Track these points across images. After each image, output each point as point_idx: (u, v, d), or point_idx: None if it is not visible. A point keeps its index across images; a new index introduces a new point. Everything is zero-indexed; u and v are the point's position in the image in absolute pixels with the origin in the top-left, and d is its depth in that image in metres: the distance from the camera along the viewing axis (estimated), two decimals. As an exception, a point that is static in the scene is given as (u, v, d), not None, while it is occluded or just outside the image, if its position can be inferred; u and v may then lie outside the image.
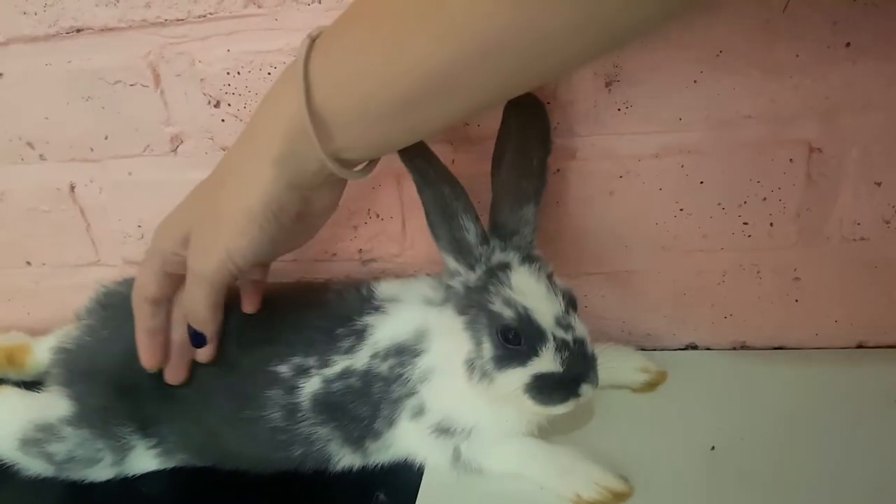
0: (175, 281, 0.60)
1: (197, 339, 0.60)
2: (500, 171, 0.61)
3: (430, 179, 0.58)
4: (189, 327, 0.60)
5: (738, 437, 0.62)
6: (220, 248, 0.53)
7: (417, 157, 0.58)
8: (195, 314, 0.58)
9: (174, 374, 0.63)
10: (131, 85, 0.69)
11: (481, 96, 0.48)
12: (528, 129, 0.61)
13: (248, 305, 0.65)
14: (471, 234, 0.59)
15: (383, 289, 0.66)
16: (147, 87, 0.69)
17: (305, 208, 0.55)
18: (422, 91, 0.46)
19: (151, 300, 0.60)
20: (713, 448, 0.61)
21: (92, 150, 0.73)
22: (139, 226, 0.76)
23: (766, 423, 0.63)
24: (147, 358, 0.62)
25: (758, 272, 0.69)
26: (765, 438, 0.62)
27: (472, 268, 0.60)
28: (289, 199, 0.53)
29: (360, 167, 0.55)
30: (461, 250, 0.59)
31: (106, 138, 0.72)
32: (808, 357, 0.70)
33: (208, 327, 0.59)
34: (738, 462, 0.60)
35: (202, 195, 0.58)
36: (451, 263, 0.60)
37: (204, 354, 0.62)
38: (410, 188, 0.60)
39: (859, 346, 0.71)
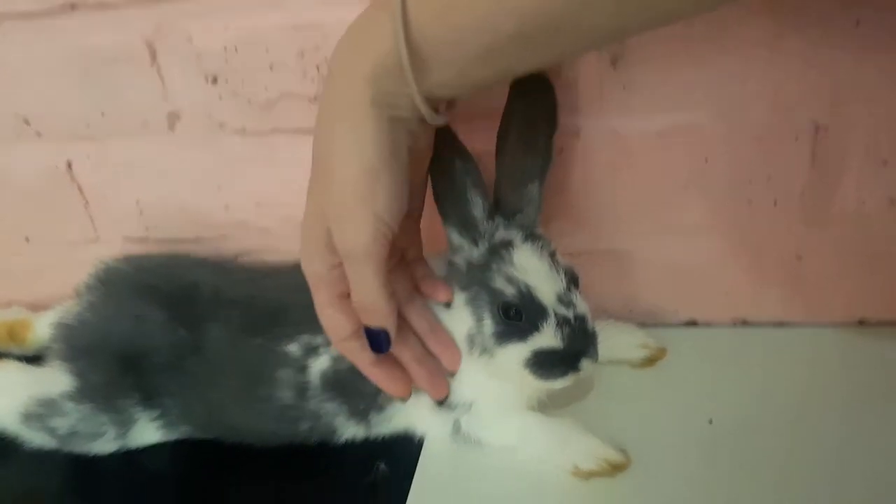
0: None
1: (379, 342, 0.54)
2: (504, 148, 0.60)
3: (442, 151, 0.57)
4: (367, 332, 0.54)
5: (736, 412, 0.62)
6: (365, 214, 0.49)
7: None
8: (370, 304, 0.52)
9: (436, 386, 0.60)
10: (127, 62, 0.68)
11: (589, 37, 0.46)
12: (534, 106, 0.60)
13: (444, 294, 0.60)
14: (477, 209, 0.59)
15: None
16: (143, 64, 0.68)
17: (414, 144, 0.51)
18: (530, 28, 0.44)
19: (353, 335, 0.55)
20: (711, 422, 0.62)
21: (88, 127, 0.73)
22: (137, 203, 0.76)
23: (765, 399, 0.63)
24: (394, 388, 0.58)
25: (760, 251, 0.69)
26: (763, 414, 0.62)
27: (475, 243, 0.59)
28: (395, 133, 0.49)
29: (441, 112, 0.52)
30: (466, 224, 0.59)
31: (102, 116, 0.72)
32: (808, 334, 0.70)
33: (388, 316, 0.53)
34: (736, 437, 0.60)
35: (316, 187, 0.52)
36: (456, 238, 0.60)
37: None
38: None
39: (860, 323, 0.71)
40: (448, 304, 0.61)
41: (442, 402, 0.61)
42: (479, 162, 0.60)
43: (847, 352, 0.67)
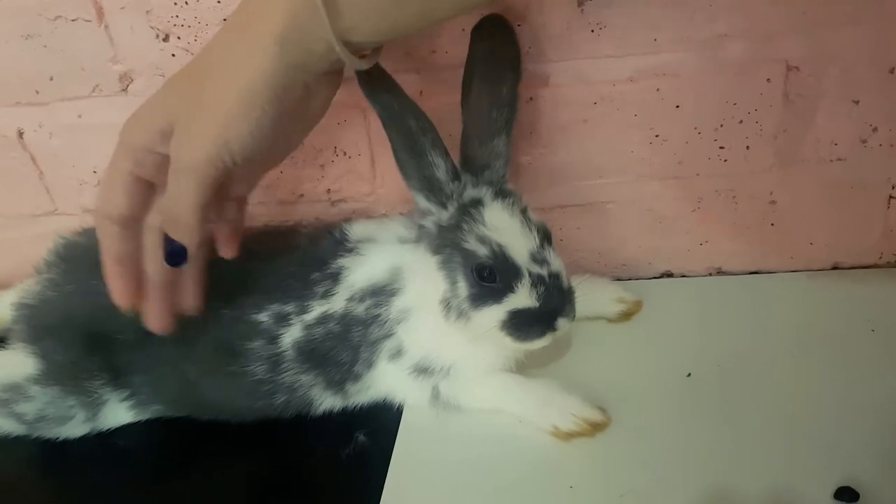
0: (148, 192, 0.51)
1: (176, 256, 0.51)
2: (468, 101, 0.59)
3: (394, 114, 0.56)
4: (167, 241, 0.51)
5: (714, 363, 0.63)
6: (216, 134, 0.46)
7: (381, 89, 0.55)
8: (177, 217, 0.49)
9: (157, 318, 0.55)
10: (73, 20, 0.65)
11: None
12: (496, 54, 0.58)
13: (227, 249, 0.58)
14: (440, 171, 0.57)
15: (356, 230, 0.65)
16: (90, 21, 0.65)
17: (305, 98, 0.50)
18: None
19: (121, 218, 0.51)
20: (689, 375, 0.62)
21: (37, 92, 0.69)
22: (94, 171, 0.73)
23: (742, 349, 0.63)
24: (120, 292, 0.54)
25: (734, 197, 0.68)
26: (741, 364, 0.62)
27: (443, 206, 0.58)
28: (292, 81, 0.47)
29: (365, 58, 0.50)
30: (432, 188, 0.57)
31: (51, 79, 0.68)
32: (784, 281, 0.71)
33: (192, 236, 0.50)
34: (715, 388, 0.60)
35: (184, 82, 0.50)
36: (423, 202, 0.58)
37: (188, 296, 0.55)
38: (378, 122, 0.57)
39: (835, 268, 0.71)
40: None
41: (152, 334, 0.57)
42: (449, 115, 0.58)
43: (822, 297, 0.68)
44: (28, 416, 0.62)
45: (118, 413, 0.64)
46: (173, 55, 0.65)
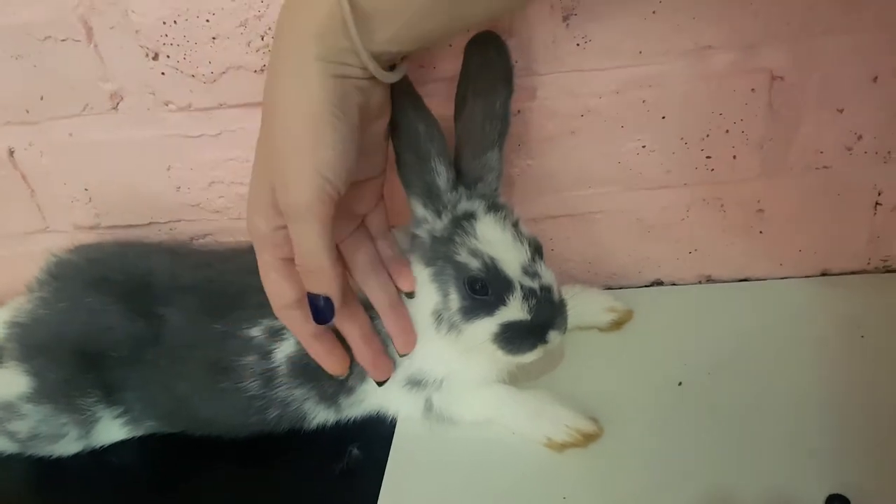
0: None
1: (321, 312, 0.51)
2: (461, 115, 0.59)
3: (405, 116, 0.56)
4: (310, 298, 0.51)
5: (704, 371, 0.63)
6: (307, 170, 0.46)
7: (400, 91, 0.55)
8: (313, 265, 0.49)
9: (380, 367, 0.58)
10: (62, 40, 0.65)
11: None
12: (489, 69, 0.58)
13: (405, 282, 0.59)
14: (441, 179, 0.57)
15: None
16: (79, 41, 0.65)
17: (365, 102, 0.50)
18: None
19: (295, 303, 0.53)
20: (680, 384, 0.62)
21: (28, 112, 0.69)
22: (86, 189, 0.73)
23: (732, 356, 0.64)
24: (333, 363, 0.56)
25: (721, 205, 0.69)
26: (732, 371, 0.62)
27: (439, 215, 0.58)
28: (344, 90, 0.47)
29: (394, 69, 0.51)
30: (430, 195, 0.58)
31: (42, 99, 0.68)
32: (772, 288, 0.71)
33: (332, 280, 0.50)
34: (705, 396, 0.61)
35: (263, 145, 0.51)
36: (419, 210, 0.59)
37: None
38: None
39: (823, 275, 0.72)
40: (410, 295, 0.59)
41: (381, 384, 0.60)
42: (443, 128, 0.59)
43: (812, 303, 0.68)
44: (21, 435, 0.63)
45: (112, 430, 0.64)
46: (163, 73, 0.65)
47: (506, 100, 0.59)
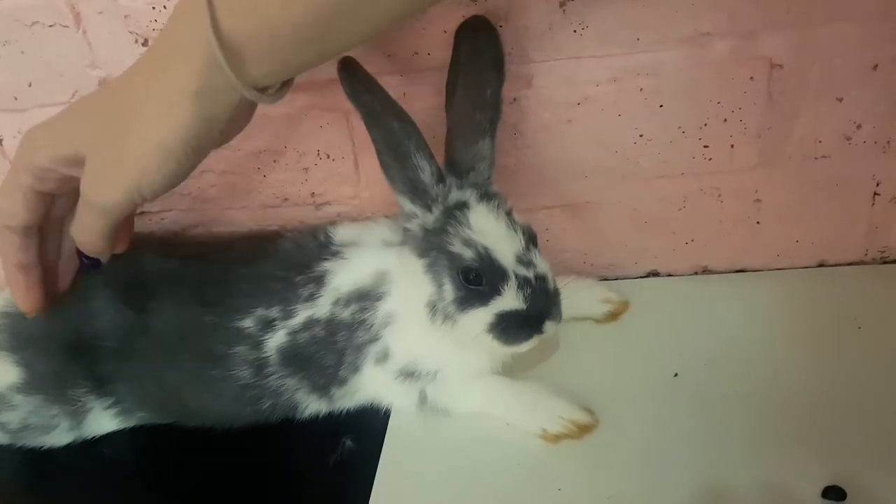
0: (47, 203, 0.53)
1: (92, 264, 0.55)
2: (452, 103, 0.58)
3: (377, 116, 0.55)
4: (81, 255, 0.55)
5: (700, 362, 0.63)
6: (129, 181, 0.48)
7: (364, 91, 0.55)
8: (90, 245, 0.53)
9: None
10: (50, 25, 0.64)
11: (390, 12, 0.46)
12: (479, 56, 0.57)
13: (120, 246, 0.58)
14: (425, 174, 0.56)
15: (340, 233, 0.65)
16: (67, 27, 0.64)
17: (225, 129, 0.50)
18: (326, 14, 0.44)
19: (21, 228, 0.53)
20: (676, 375, 0.62)
21: (16, 99, 0.68)
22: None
23: (728, 348, 0.63)
24: (25, 299, 0.55)
25: (719, 196, 0.68)
26: (728, 363, 0.62)
27: (428, 209, 0.58)
28: (208, 134, 0.48)
29: (273, 90, 0.50)
30: (416, 191, 0.57)
31: (30, 85, 0.67)
32: (769, 278, 0.71)
33: (103, 254, 0.54)
34: (702, 388, 0.60)
35: (95, 115, 0.51)
36: (407, 205, 0.58)
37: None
38: (361, 125, 0.57)
39: (820, 266, 0.71)
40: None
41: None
42: (434, 117, 0.58)
43: (808, 295, 0.68)
44: (11, 426, 0.62)
45: (103, 421, 0.64)
46: (153, 60, 0.64)
47: (497, 87, 0.58)
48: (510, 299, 0.55)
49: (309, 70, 0.50)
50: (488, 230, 0.56)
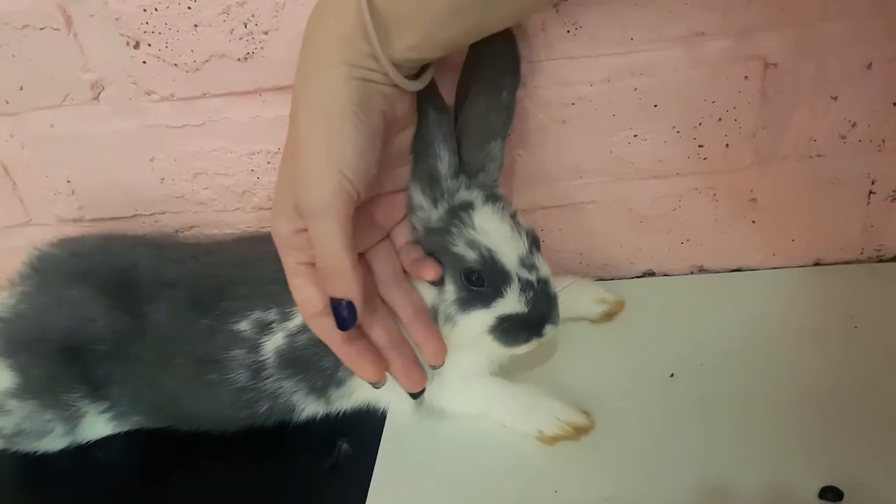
0: None
1: (343, 316, 0.49)
2: (465, 104, 0.58)
3: (419, 100, 0.55)
4: (333, 304, 0.50)
5: (697, 362, 0.62)
6: (326, 168, 0.46)
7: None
8: (331, 265, 0.48)
9: (411, 377, 0.55)
10: (41, 29, 0.64)
11: None
12: (496, 59, 0.57)
13: (430, 271, 0.56)
14: (444, 165, 0.56)
15: None
16: (58, 30, 0.63)
17: (389, 109, 0.50)
18: None
19: (325, 311, 0.51)
20: (672, 375, 0.62)
21: (7, 102, 0.68)
22: (68, 181, 0.72)
23: (725, 347, 0.63)
24: (366, 372, 0.53)
25: (714, 195, 0.68)
26: (724, 362, 0.62)
27: (435, 203, 0.57)
28: (367, 93, 0.47)
29: (416, 77, 0.51)
30: (430, 180, 0.57)
31: (21, 89, 0.67)
32: (765, 278, 0.71)
33: (351, 285, 0.49)
34: (698, 388, 0.60)
35: (288, 149, 0.50)
36: (417, 196, 0.57)
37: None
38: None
39: (816, 264, 0.71)
40: (438, 283, 0.57)
41: (416, 396, 0.58)
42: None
43: (805, 293, 0.68)
44: (6, 431, 0.62)
45: (97, 425, 0.64)
46: (144, 62, 0.64)
47: (512, 90, 0.58)
48: (512, 302, 0.55)
49: (452, 51, 0.50)
50: (492, 232, 0.56)
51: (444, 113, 0.55)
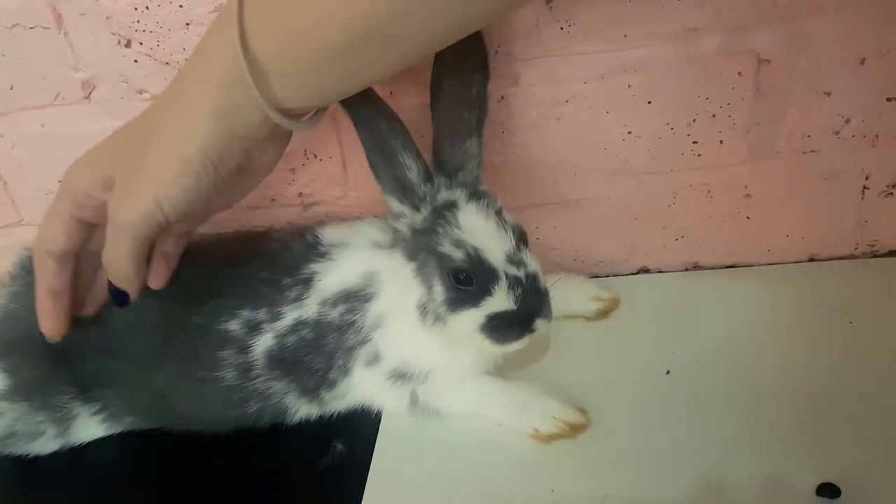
0: (85, 231, 0.54)
1: (119, 297, 0.55)
2: (438, 102, 0.58)
3: (364, 115, 0.55)
4: (110, 285, 0.54)
5: (693, 359, 0.62)
6: (149, 196, 0.48)
7: None
8: (117, 269, 0.52)
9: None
10: (31, 28, 0.63)
11: (418, 42, 0.46)
12: (463, 55, 0.57)
13: (155, 280, 0.58)
14: (412, 173, 0.56)
15: (329, 234, 0.64)
16: (49, 28, 0.63)
17: (246, 162, 0.51)
18: (357, 35, 0.44)
19: (58, 254, 0.54)
20: (668, 372, 0.62)
21: (-2, 102, 0.67)
22: (59, 181, 0.70)
23: (720, 344, 0.63)
24: (50, 324, 0.56)
25: (708, 191, 0.68)
26: (719, 359, 0.62)
27: (417, 208, 0.57)
28: (228, 149, 0.48)
29: (305, 117, 0.51)
30: (404, 190, 0.57)
31: (11, 89, 0.66)
32: (760, 274, 0.70)
33: (132, 284, 0.54)
34: (694, 385, 0.60)
35: (127, 138, 0.52)
36: (396, 205, 0.58)
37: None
38: (348, 124, 0.56)
39: (811, 260, 0.71)
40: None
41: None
42: (422, 116, 0.57)
43: (799, 289, 0.68)
44: (-4, 433, 0.61)
45: (90, 427, 0.63)
46: (136, 61, 0.64)
47: (482, 86, 0.57)
48: (501, 300, 0.55)
49: (338, 99, 0.51)
50: (478, 230, 0.56)
51: (395, 122, 0.55)
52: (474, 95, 0.57)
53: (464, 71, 0.57)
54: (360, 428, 0.62)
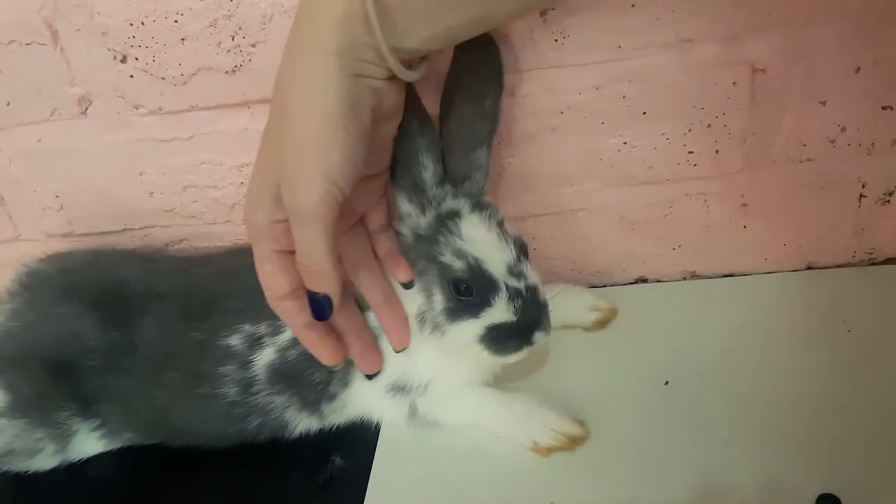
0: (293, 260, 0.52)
1: (321, 308, 0.51)
2: (450, 113, 0.58)
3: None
4: (309, 296, 0.51)
5: (691, 369, 0.62)
6: (315, 173, 0.45)
7: None
8: (314, 266, 0.49)
9: (368, 359, 0.58)
10: (27, 44, 0.63)
11: None
12: (480, 68, 0.57)
13: (403, 274, 0.57)
14: (428, 174, 0.56)
15: None
16: (45, 44, 0.63)
17: (377, 103, 0.49)
18: None
19: (289, 294, 0.51)
20: (667, 383, 0.62)
21: (-6, 118, 0.67)
22: (56, 196, 0.72)
23: (718, 353, 0.63)
24: (326, 353, 0.54)
25: (705, 201, 0.68)
26: (718, 368, 0.62)
27: (423, 211, 0.57)
28: (359, 90, 0.46)
29: (414, 68, 0.50)
30: (416, 189, 0.57)
31: (8, 104, 0.67)
32: (758, 282, 0.70)
33: (332, 281, 0.49)
34: (692, 395, 0.60)
35: (271, 137, 0.50)
36: (404, 205, 0.58)
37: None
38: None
39: (808, 268, 0.71)
40: (407, 285, 0.58)
41: (371, 377, 0.59)
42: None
43: (797, 298, 0.68)
44: (-5, 450, 0.61)
45: (89, 443, 0.63)
46: (132, 76, 0.64)
47: (496, 98, 0.58)
48: (501, 311, 0.55)
49: (453, 43, 0.49)
50: (480, 241, 0.56)
51: (426, 122, 0.55)
52: (488, 107, 0.57)
53: (479, 83, 0.57)
54: (359, 441, 0.62)
